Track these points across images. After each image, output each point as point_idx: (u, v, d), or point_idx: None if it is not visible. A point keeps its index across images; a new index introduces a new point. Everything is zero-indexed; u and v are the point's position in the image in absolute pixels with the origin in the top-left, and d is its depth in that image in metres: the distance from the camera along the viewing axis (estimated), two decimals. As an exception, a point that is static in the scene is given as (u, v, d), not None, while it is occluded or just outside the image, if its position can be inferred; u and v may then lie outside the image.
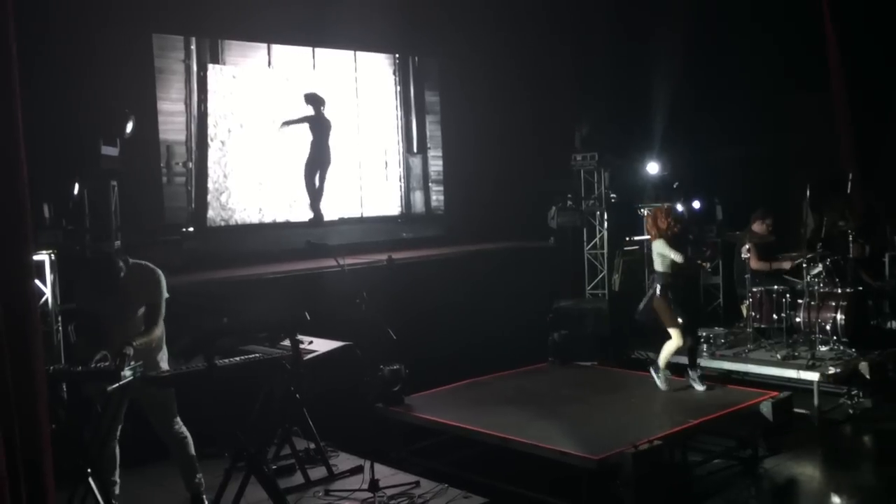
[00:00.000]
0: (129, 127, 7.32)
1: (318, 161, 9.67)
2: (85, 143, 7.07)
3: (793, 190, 8.90)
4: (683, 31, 10.17)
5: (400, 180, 11.02)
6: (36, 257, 6.11)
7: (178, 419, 5.15)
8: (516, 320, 9.07)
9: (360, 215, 10.47)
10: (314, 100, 9.63)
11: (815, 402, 7.55)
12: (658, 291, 7.29)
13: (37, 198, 6.23)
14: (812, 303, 8.19)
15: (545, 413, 6.87)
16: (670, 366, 7.52)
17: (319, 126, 9.66)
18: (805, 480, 6.45)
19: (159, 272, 5.13)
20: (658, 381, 7.40)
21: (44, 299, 6.30)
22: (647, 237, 7.66)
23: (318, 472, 5.99)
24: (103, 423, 4.96)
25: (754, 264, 8.82)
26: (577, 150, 10.34)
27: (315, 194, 9.75)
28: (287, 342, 5.68)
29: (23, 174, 2.84)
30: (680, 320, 7.26)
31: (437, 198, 11.33)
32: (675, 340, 7.31)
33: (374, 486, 5.45)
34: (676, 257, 7.21)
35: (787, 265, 8.65)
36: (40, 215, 6.56)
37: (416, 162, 11.17)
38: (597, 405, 7.10)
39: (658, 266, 7.37)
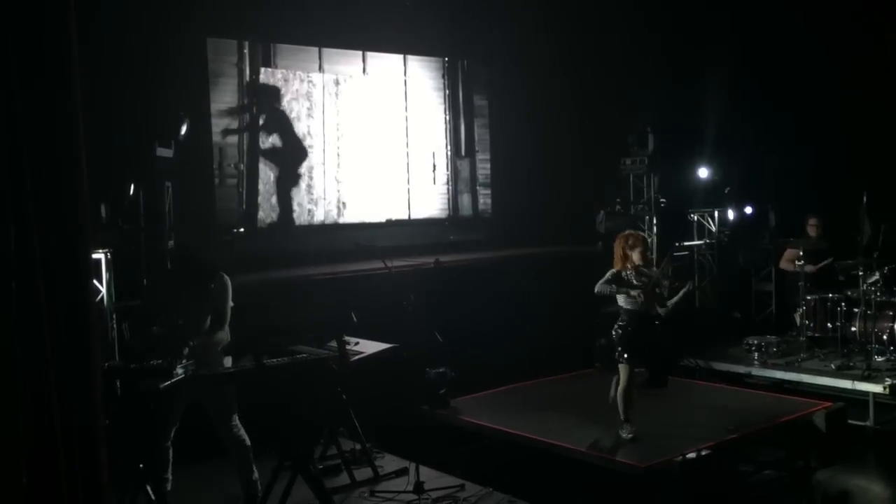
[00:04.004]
0: (184, 129, 7.46)
1: (287, 158, 9.40)
2: (141, 145, 7.23)
3: (849, 196, 8.68)
4: (738, 32, 10.01)
5: (448, 183, 11.03)
6: (93, 256, 6.26)
7: (237, 419, 5.23)
8: (563, 325, 9.02)
9: (407, 217, 10.51)
10: (265, 91, 9.10)
11: (871, 413, 7.37)
12: (619, 328, 6.42)
13: (94, 198, 6.38)
14: (868, 312, 8.00)
15: (591, 419, 6.82)
16: (724, 375, 7.27)
17: (277, 120, 9.30)
18: (858, 493, 6.30)
19: (227, 279, 5.28)
20: (622, 433, 6.36)
21: (99, 297, 6.45)
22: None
23: (363, 473, 6.04)
24: (156, 420, 5.06)
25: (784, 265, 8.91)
26: (627, 154, 10.25)
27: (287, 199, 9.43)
28: (334, 343, 5.73)
29: (83, 175, 2.92)
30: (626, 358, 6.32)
31: (484, 201, 11.32)
32: (621, 382, 6.37)
33: (419, 488, 5.47)
34: (619, 295, 6.32)
35: (809, 267, 8.62)
36: (97, 215, 6.71)
37: (463, 165, 11.17)
38: (644, 412, 7.00)
39: (620, 300, 6.42)
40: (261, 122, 9.34)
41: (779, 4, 9.90)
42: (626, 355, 6.32)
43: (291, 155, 9.53)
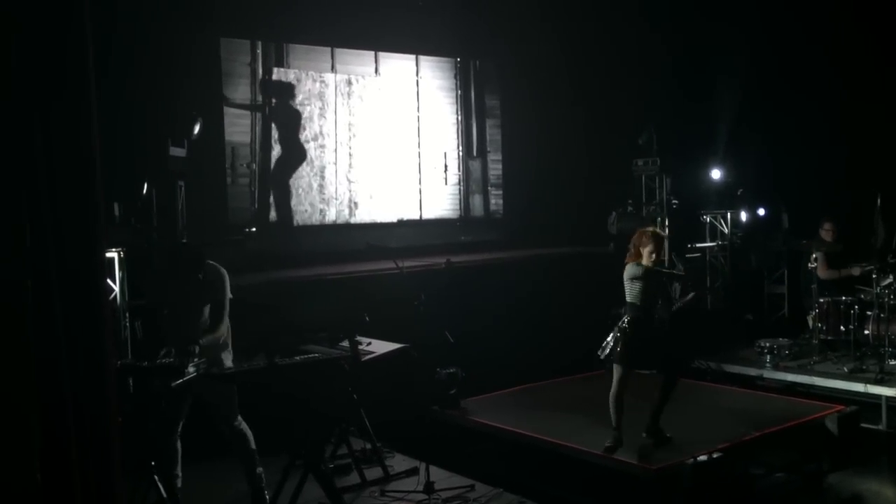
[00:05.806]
0: (197, 129, 7.48)
1: (288, 160, 9.40)
2: (154, 144, 7.27)
3: (863, 198, 8.63)
4: (752, 33, 9.95)
5: (459, 183, 11.04)
6: (106, 255, 6.29)
7: (239, 415, 5.25)
8: (574, 326, 8.98)
9: (419, 218, 10.52)
10: (277, 88, 9.15)
11: (883, 417, 7.32)
12: (625, 323, 6.17)
13: (108, 197, 6.42)
14: (882, 315, 7.94)
15: (602, 421, 6.78)
16: (736, 377, 7.16)
17: (286, 118, 9.33)
18: (871, 497, 6.26)
19: (224, 272, 5.30)
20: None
21: (112, 296, 6.48)
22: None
23: (373, 473, 6.05)
24: (167, 418, 5.09)
25: (823, 273, 8.61)
26: (639, 155, 10.22)
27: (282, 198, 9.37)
28: (346, 343, 5.75)
29: (98, 174, 2.94)
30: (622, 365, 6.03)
31: (496, 201, 11.32)
32: (614, 385, 6.08)
33: (429, 488, 5.47)
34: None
35: (856, 272, 8.41)
36: (111, 214, 6.76)
37: (475, 165, 11.18)
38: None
39: (628, 296, 6.29)
40: (273, 121, 9.37)
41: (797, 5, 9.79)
42: (620, 355, 6.01)
43: (303, 155, 9.55)
